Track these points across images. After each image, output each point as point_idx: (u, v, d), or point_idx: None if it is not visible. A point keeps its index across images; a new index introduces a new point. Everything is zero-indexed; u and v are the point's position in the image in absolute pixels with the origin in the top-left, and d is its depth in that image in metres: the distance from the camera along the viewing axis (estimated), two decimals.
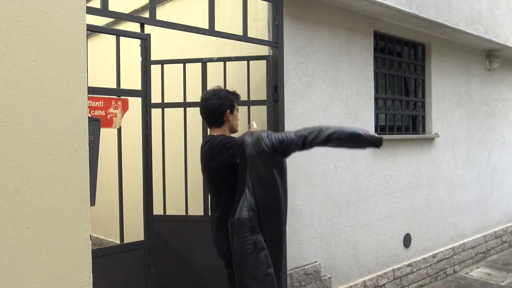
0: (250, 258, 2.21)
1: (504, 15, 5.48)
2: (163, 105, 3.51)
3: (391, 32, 4.53)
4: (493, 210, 6.04)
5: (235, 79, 3.59)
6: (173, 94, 3.60)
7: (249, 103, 3.34)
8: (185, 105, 3.46)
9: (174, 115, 3.62)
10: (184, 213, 3.45)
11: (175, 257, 3.41)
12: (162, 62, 3.46)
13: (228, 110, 2.49)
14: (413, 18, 4.29)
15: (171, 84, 3.61)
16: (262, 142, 2.20)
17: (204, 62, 3.39)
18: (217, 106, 2.46)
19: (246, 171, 2.26)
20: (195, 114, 3.54)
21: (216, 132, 2.50)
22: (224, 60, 3.38)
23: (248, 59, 3.34)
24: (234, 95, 2.57)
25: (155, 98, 3.18)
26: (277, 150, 2.22)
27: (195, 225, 3.40)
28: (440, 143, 5.11)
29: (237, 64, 3.55)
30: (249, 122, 3.32)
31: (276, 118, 3.31)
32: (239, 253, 2.24)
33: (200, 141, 3.41)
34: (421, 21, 4.41)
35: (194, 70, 3.47)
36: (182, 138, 3.46)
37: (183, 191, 3.45)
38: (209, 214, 2.46)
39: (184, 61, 3.44)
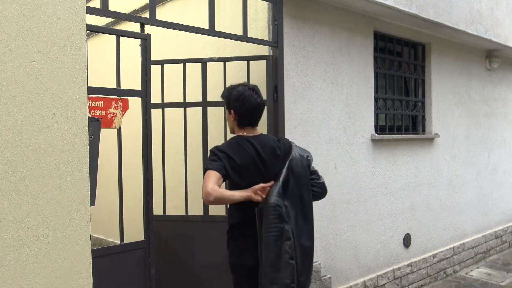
0: (274, 246, 2.15)
1: (504, 15, 5.48)
2: (163, 105, 3.51)
3: (391, 32, 4.53)
4: (493, 210, 6.04)
5: (235, 79, 3.58)
6: (173, 94, 3.60)
7: None
8: (185, 105, 3.46)
9: (174, 115, 3.62)
10: (184, 213, 3.45)
11: (175, 257, 3.41)
12: (162, 62, 3.46)
13: None
14: (413, 18, 4.29)
15: (171, 84, 3.62)
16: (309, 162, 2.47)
17: (204, 62, 3.39)
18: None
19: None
20: (195, 114, 3.55)
21: (258, 131, 2.43)
22: (224, 60, 3.38)
23: (248, 59, 3.34)
24: None
25: (155, 98, 3.18)
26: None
27: (195, 225, 3.40)
28: (440, 143, 5.11)
29: (237, 64, 3.55)
30: None
31: (276, 118, 3.31)
32: (264, 240, 2.17)
33: (200, 141, 3.41)
34: (421, 21, 4.41)
35: (194, 70, 3.47)
36: (182, 138, 3.46)
37: (183, 191, 3.45)
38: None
39: (184, 61, 3.44)
